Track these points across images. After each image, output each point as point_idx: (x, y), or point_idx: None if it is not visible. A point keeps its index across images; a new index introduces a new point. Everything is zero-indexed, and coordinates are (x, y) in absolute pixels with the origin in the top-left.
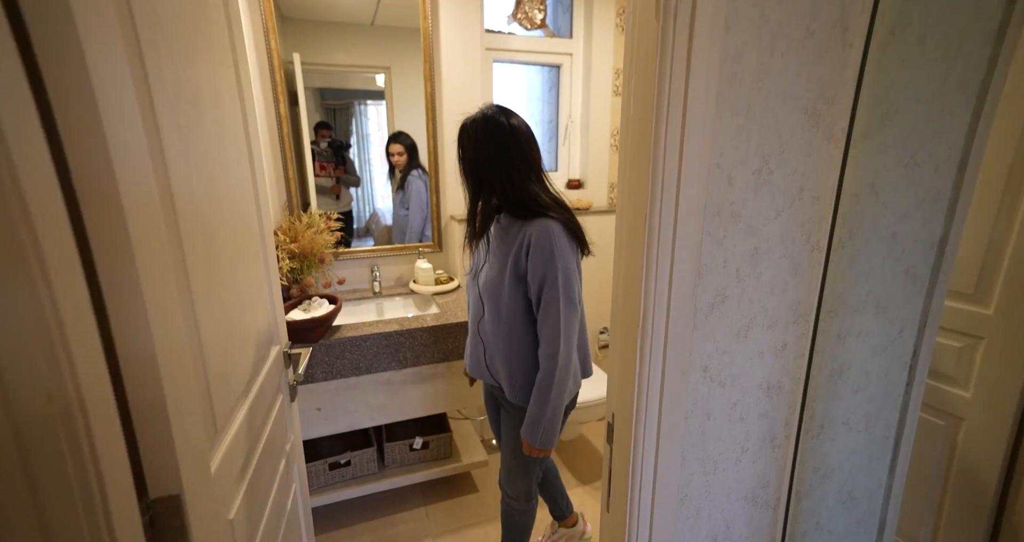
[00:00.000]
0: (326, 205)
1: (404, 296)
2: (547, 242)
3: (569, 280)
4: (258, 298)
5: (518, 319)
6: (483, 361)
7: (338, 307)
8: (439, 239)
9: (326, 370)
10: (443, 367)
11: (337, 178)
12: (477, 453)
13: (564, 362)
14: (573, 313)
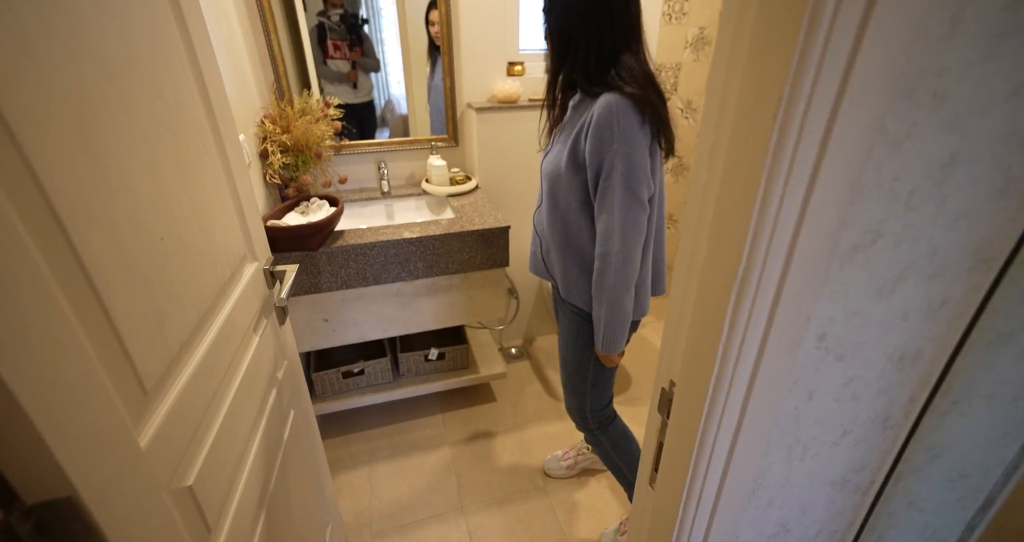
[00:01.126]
0: (343, 95)
1: (416, 197)
2: (607, 120)
3: (633, 169)
4: (214, 206)
5: (574, 210)
6: (539, 254)
7: (339, 210)
8: (454, 131)
9: (330, 279)
10: (458, 278)
11: (353, 62)
12: (495, 364)
13: (619, 263)
14: (637, 209)
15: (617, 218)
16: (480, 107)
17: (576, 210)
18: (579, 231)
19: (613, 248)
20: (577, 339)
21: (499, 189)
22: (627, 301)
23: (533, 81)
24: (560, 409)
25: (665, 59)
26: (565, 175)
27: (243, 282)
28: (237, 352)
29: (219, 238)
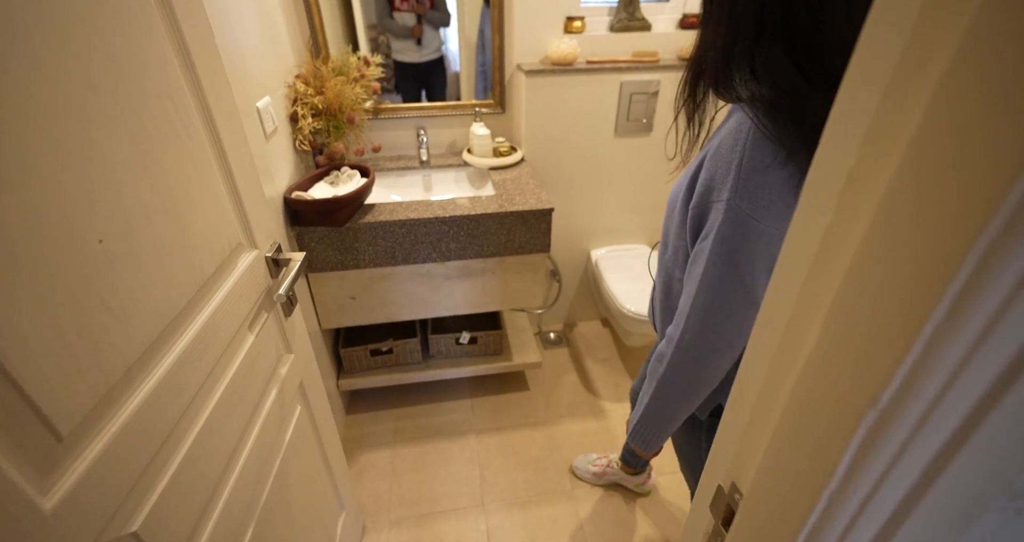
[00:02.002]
0: (407, 53)
1: (456, 168)
2: (727, 153)
3: (743, 236)
4: (194, 192)
5: (680, 264)
6: (651, 301)
7: (369, 182)
8: (501, 96)
9: (356, 257)
10: (494, 262)
11: (419, 15)
12: (530, 352)
13: (684, 359)
14: (729, 288)
15: (700, 297)
16: (531, 69)
17: (683, 265)
18: (677, 296)
19: (683, 335)
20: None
21: (547, 164)
22: (681, 407)
23: (593, 40)
24: (596, 406)
25: None
26: (679, 214)
27: (235, 276)
28: (222, 357)
29: (199, 229)
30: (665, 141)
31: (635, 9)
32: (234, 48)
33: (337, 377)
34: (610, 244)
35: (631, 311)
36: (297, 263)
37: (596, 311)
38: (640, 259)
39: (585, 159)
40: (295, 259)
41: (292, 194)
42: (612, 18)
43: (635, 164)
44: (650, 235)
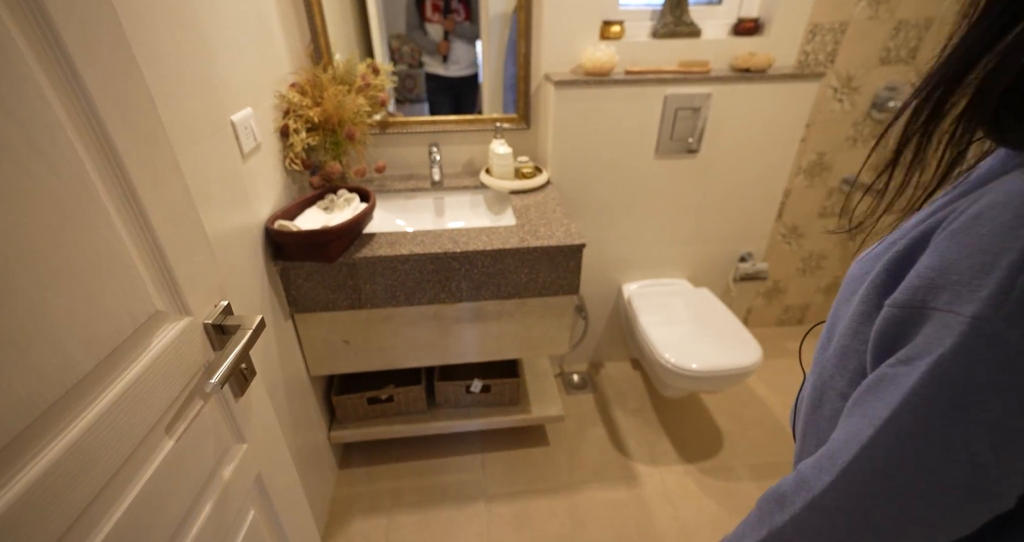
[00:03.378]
0: (433, 66)
1: (472, 191)
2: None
3: (987, 376)
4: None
5: (849, 367)
6: (796, 398)
7: (368, 209)
8: (526, 110)
9: (351, 296)
10: (512, 305)
11: (446, 32)
12: (552, 403)
13: (818, 518)
14: (937, 457)
15: (876, 448)
16: (561, 80)
17: (855, 378)
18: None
19: (826, 491)
20: None
21: (576, 186)
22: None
23: (634, 47)
24: (626, 468)
25: (825, 17)
26: (860, 304)
27: (144, 361)
28: (109, 485)
29: (67, 306)
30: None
31: (683, 12)
32: (200, 47)
33: (328, 428)
34: (645, 278)
35: (672, 363)
36: (250, 330)
37: (626, 351)
38: (680, 296)
39: (620, 182)
40: (246, 324)
41: (275, 223)
42: (656, 23)
43: (678, 189)
44: (691, 269)
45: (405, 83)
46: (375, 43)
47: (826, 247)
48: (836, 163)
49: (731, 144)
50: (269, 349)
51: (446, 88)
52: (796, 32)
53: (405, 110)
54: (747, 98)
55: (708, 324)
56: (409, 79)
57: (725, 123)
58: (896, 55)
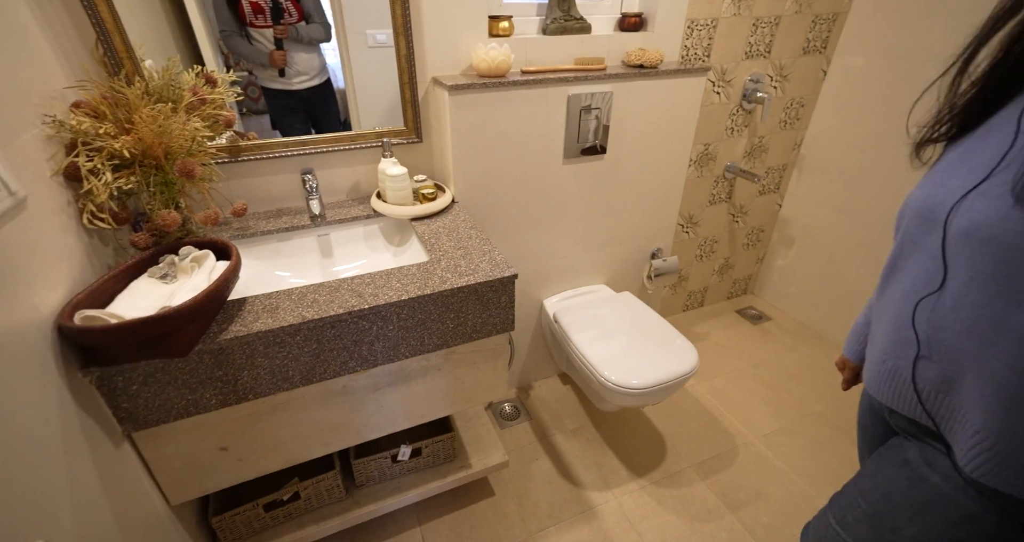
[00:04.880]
0: (271, 80)
1: (364, 221)
2: None
3: None
4: None
5: None
6: (909, 376)
7: (231, 269)
8: (415, 120)
9: (221, 391)
10: (439, 357)
11: (278, 39)
12: (492, 450)
13: None
14: None
15: None
16: (455, 84)
17: None
18: None
19: None
20: (959, 526)
21: (483, 204)
22: None
23: (526, 45)
24: (582, 500)
25: (699, 13)
26: None
27: None
28: None
29: None
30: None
31: (570, 6)
32: None
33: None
34: (564, 289)
35: (613, 382)
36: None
37: (552, 366)
38: (606, 305)
39: (530, 192)
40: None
41: (77, 315)
42: (545, 18)
43: (589, 192)
44: (609, 273)
45: (248, 92)
46: (202, 44)
47: (716, 231)
48: (719, 153)
49: (634, 141)
50: (86, 498)
51: (294, 104)
52: (677, 28)
53: (256, 127)
54: (645, 94)
55: (641, 332)
56: (253, 88)
57: (627, 121)
58: (756, 50)
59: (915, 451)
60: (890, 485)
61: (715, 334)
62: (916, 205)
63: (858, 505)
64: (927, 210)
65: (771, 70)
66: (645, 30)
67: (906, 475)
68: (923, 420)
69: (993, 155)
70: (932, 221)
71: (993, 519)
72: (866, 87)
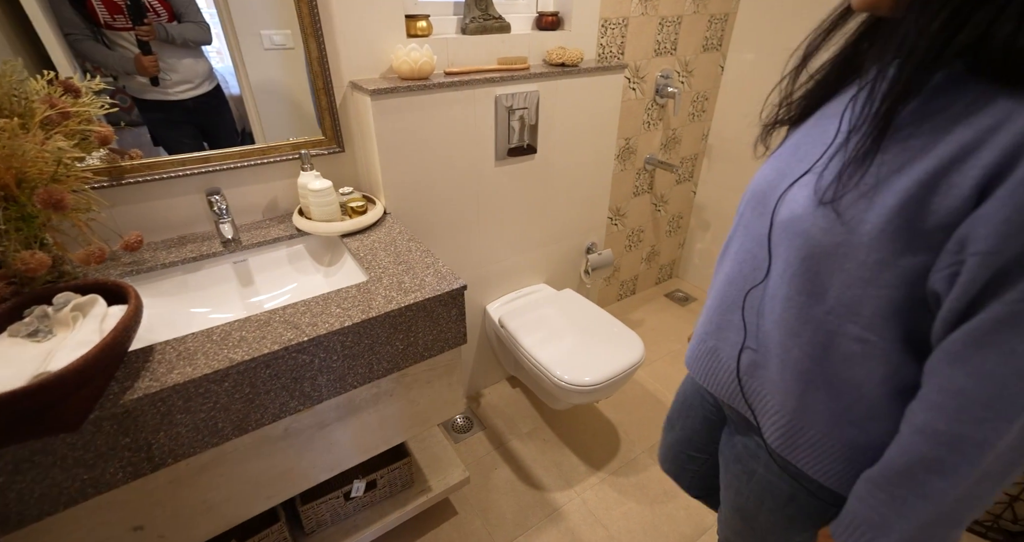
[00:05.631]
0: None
1: (287, 242)
2: None
3: None
4: None
5: (867, 318)
6: (734, 363)
7: (130, 317)
8: (335, 128)
9: (130, 462)
10: (391, 381)
11: (143, 42)
12: (451, 468)
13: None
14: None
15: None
16: (377, 88)
17: (875, 318)
18: (865, 359)
19: (989, 438)
20: (786, 507)
21: (417, 213)
22: (959, 531)
23: (447, 45)
24: (546, 503)
25: (610, 12)
26: (871, 247)
27: None
28: None
29: None
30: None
31: (488, 5)
32: None
33: None
34: (506, 292)
35: (566, 381)
36: None
37: (500, 371)
38: (549, 304)
39: (465, 196)
40: None
41: None
42: (463, 17)
43: (523, 192)
44: (548, 272)
45: (118, 100)
46: (50, 47)
47: (642, 222)
48: (639, 146)
49: (562, 139)
50: None
51: (179, 117)
52: (592, 27)
53: (135, 142)
54: (569, 92)
55: (586, 328)
56: (122, 96)
57: (554, 119)
58: (664, 47)
59: (741, 445)
60: (736, 480)
61: (649, 319)
62: (753, 188)
63: (727, 498)
64: (761, 194)
65: (678, 66)
66: (562, 29)
67: (741, 470)
68: (737, 404)
69: (819, 146)
70: (763, 206)
71: (805, 498)
72: (757, 80)
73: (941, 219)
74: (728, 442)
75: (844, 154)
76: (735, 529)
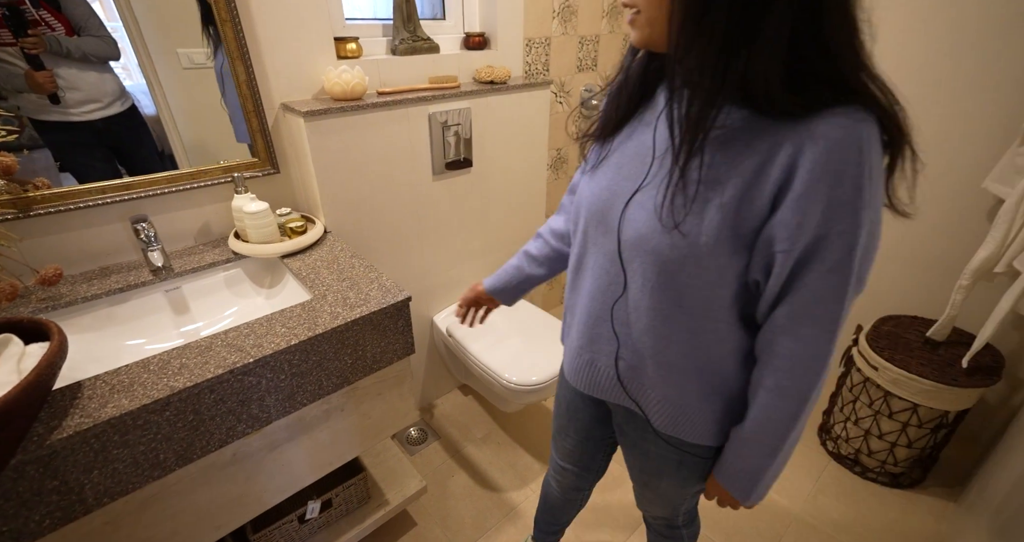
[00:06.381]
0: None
1: (224, 267)
2: (850, 171)
3: (871, 249)
4: None
5: (718, 310)
6: (613, 371)
7: (53, 354)
8: (268, 150)
9: (59, 506)
10: (341, 396)
11: (32, 56)
12: (407, 478)
13: (814, 402)
14: (848, 305)
15: (831, 334)
16: (310, 110)
17: (721, 310)
18: (717, 342)
19: (817, 383)
20: (679, 470)
21: (358, 230)
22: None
23: (378, 66)
24: (504, 504)
25: (534, 32)
26: (711, 256)
27: None
28: None
29: None
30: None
31: (416, 27)
32: None
33: None
34: (451, 302)
35: (515, 383)
36: None
37: (451, 381)
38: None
39: (405, 211)
40: None
41: None
42: (392, 39)
43: (462, 205)
44: None
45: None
46: None
47: None
48: (570, 156)
49: (497, 152)
50: None
51: (87, 139)
52: (517, 46)
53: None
54: (499, 108)
55: (531, 330)
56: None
57: (487, 133)
58: (585, 64)
59: (633, 432)
60: (637, 461)
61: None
62: (589, 205)
63: (633, 475)
64: (600, 213)
65: (600, 80)
66: (489, 49)
67: (638, 453)
68: (623, 402)
69: (640, 165)
70: (606, 225)
71: (692, 459)
72: None
73: (752, 225)
74: (621, 431)
75: (669, 181)
76: (647, 497)
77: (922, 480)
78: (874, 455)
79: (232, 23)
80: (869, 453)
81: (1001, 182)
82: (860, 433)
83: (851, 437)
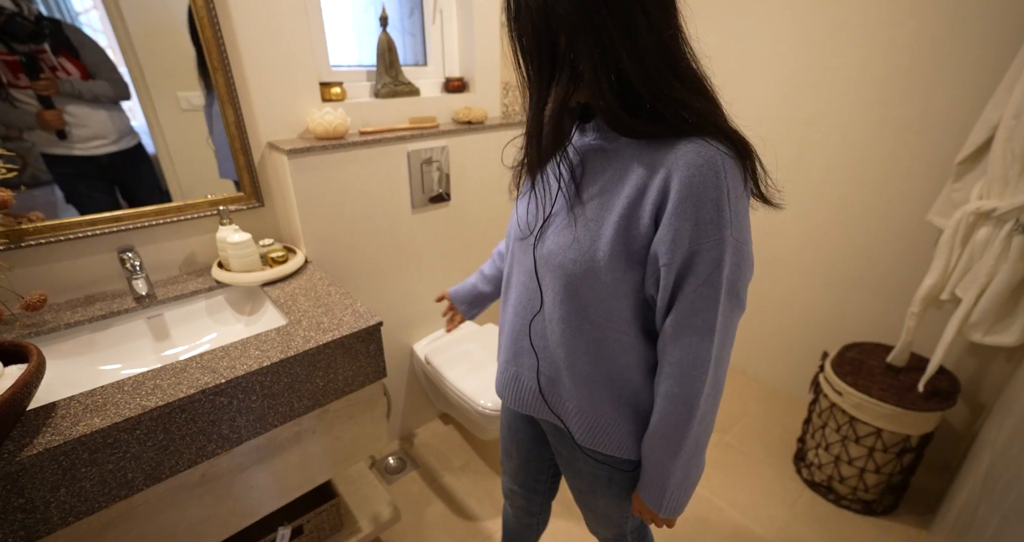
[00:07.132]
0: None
1: (206, 295)
2: (714, 193)
3: (741, 266)
4: None
5: (619, 321)
6: (535, 384)
7: (29, 374)
8: (254, 185)
9: (24, 522)
10: (313, 419)
11: (42, 97)
12: (380, 506)
13: (709, 407)
14: (736, 320)
15: (716, 342)
16: (294, 149)
17: (623, 322)
18: (623, 353)
19: (703, 388)
20: (610, 487)
21: (338, 262)
22: (704, 452)
23: (361, 108)
24: (480, 533)
25: (509, 77)
26: (607, 270)
27: None
28: None
29: None
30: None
31: (398, 73)
32: None
33: None
34: (431, 331)
35: (489, 408)
36: None
37: (432, 409)
38: (472, 339)
39: (384, 243)
40: None
41: None
42: (375, 83)
43: (440, 237)
44: None
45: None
46: None
47: None
48: None
49: (474, 187)
50: None
51: (91, 172)
52: (494, 90)
53: (42, 200)
54: (476, 146)
55: None
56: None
57: (465, 169)
58: None
59: (563, 451)
60: (573, 481)
61: None
62: (513, 226)
63: (575, 497)
64: (522, 234)
65: None
66: (468, 92)
67: (573, 473)
68: (547, 417)
69: (550, 192)
70: (526, 244)
71: (619, 476)
72: None
73: (640, 242)
74: (557, 452)
75: (569, 204)
76: (591, 519)
77: (894, 508)
78: (846, 481)
79: (223, 70)
80: (841, 480)
81: (941, 215)
82: (831, 459)
83: (823, 463)
